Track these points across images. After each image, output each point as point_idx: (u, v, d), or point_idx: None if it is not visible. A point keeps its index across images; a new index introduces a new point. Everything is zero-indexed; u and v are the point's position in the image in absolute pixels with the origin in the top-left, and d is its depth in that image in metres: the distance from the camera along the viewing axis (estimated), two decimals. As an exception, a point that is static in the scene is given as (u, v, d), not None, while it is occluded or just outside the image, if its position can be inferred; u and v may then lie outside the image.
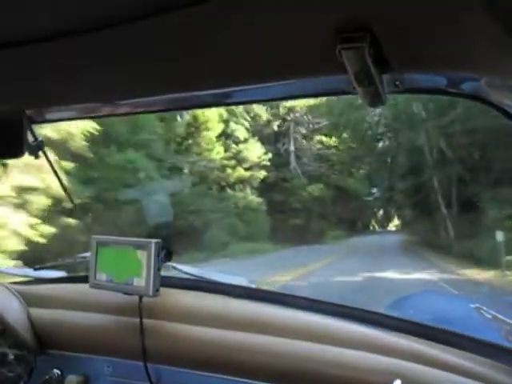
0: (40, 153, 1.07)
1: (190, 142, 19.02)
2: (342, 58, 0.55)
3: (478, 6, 0.46)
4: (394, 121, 18.41)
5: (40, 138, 1.04)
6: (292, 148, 26.34)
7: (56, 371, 1.16)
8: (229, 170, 21.33)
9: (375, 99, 0.62)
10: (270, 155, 24.09)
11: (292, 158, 26.21)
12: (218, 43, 0.61)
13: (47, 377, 1.16)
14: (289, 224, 23.51)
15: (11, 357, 1.18)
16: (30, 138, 1.00)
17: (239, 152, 22.41)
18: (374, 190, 31.15)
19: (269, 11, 0.53)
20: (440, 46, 0.56)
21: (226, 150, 21.41)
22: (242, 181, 22.02)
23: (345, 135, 25.08)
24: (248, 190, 22.15)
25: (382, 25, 0.52)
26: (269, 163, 23.98)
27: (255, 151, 23.29)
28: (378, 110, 18.29)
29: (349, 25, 0.52)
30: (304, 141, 27.20)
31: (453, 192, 17.42)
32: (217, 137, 20.27)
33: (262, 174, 23.51)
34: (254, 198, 22.00)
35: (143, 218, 11.16)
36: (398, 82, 0.64)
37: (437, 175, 17.95)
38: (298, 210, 24.70)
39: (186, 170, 17.94)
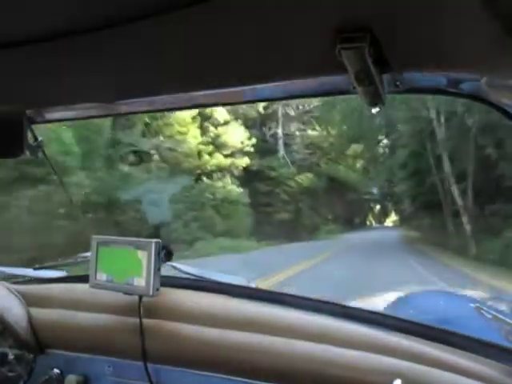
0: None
1: (160, 123, 16.49)
2: (341, 58, 0.55)
3: (477, 6, 0.46)
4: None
5: (40, 138, 1.04)
6: (280, 133, 23.46)
7: (56, 371, 1.16)
8: (206, 157, 18.55)
9: (375, 99, 0.62)
10: (254, 140, 21.26)
11: (280, 145, 23.32)
12: (218, 43, 0.61)
13: (47, 376, 1.16)
14: (275, 218, 21.00)
15: (11, 356, 1.18)
16: (30, 138, 1.00)
17: (218, 136, 19.65)
18: (375, 191, 30.45)
19: (269, 11, 0.53)
20: (440, 46, 0.56)
21: (202, 134, 18.74)
22: (220, 169, 19.24)
23: (338, 117, 20.58)
24: (228, 180, 19.24)
25: (382, 25, 0.52)
26: (253, 149, 21.04)
27: (237, 136, 20.39)
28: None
29: (349, 25, 0.52)
30: (293, 125, 24.23)
31: (470, 176, 12.85)
32: (192, 118, 17.68)
33: (245, 161, 20.43)
34: (234, 189, 19.08)
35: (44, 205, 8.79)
36: (398, 82, 0.64)
37: (449, 154, 13.47)
38: (286, 202, 21.95)
39: (156, 156, 15.62)
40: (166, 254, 1.06)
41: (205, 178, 18.19)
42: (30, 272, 1.42)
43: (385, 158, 21.91)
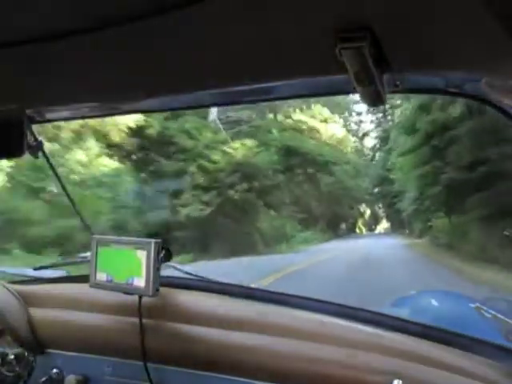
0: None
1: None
2: (342, 58, 0.55)
3: (478, 6, 0.46)
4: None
5: (40, 138, 1.04)
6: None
7: (56, 371, 1.16)
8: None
9: (375, 99, 0.62)
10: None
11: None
12: (218, 43, 0.61)
13: (47, 376, 1.16)
14: (185, 215, 12.75)
15: (11, 356, 1.18)
16: (30, 138, 1.00)
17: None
18: (376, 190, 29.58)
19: (268, 11, 0.53)
20: (440, 46, 0.56)
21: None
22: (82, 128, 10.97)
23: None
24: (93, 145, 11.09)
25: (382, 25, 0.52)
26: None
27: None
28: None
29: (349, 25, 0.52)
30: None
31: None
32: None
33: (134, 119, 11.80)
34: (106, 163, 11.43)
35: None
36: (398, 82, 0.64)
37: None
38: (204, 188, 13.34)
39: None
40: (165, 253, 1.06)
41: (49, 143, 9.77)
42: (29, 272, 1.42)
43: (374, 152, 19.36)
